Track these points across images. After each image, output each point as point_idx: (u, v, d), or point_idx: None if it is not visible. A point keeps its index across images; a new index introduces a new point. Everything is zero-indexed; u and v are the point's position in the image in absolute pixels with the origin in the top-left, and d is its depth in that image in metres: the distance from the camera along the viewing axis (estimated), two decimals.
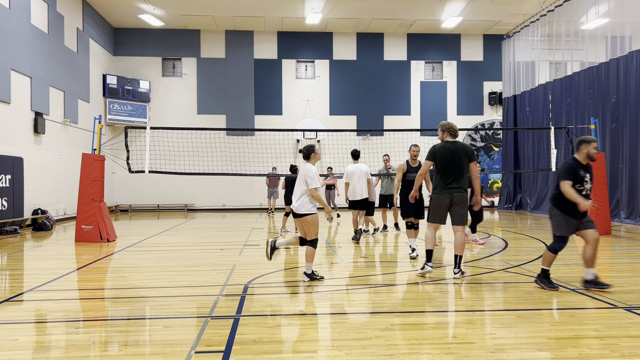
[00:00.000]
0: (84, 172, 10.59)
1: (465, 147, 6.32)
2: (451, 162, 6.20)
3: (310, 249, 6.18)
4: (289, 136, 21.41)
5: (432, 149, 6.37)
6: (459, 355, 3.64)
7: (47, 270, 7.26)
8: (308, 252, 6.19)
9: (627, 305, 5.02)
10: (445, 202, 6.24)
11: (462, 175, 6.22)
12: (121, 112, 20.98)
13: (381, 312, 4.84)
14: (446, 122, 6.47)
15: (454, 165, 6.19)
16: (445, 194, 6.21)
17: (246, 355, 3.64)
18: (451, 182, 6.20)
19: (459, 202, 6.21)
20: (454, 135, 6.38)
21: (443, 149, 6.28)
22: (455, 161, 6.20)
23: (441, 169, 6.26)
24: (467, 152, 6.28)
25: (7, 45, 13.18)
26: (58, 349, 3.83)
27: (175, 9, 19.77)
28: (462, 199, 6.22)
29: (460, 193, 6.20)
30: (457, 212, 6.25)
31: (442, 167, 6.24)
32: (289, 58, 22.72)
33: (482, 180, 23.54)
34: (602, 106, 15.73)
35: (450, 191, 6.19)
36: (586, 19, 16.87)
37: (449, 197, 6.20)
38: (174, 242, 10.64)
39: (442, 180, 6.24)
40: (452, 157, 6.21)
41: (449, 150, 6.24)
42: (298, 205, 6.12)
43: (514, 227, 13.75)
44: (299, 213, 6.13)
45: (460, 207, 6.23)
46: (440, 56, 23.34)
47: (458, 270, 6.28)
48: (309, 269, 6.23)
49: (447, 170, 6.21)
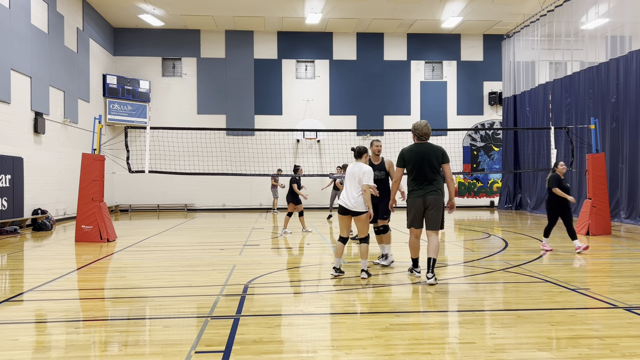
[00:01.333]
0: (84, 172, 10.59)
1: (434, 148, 6.15)
2: (421, 164, 6.07)
3: (364, 245, 6.43)
4: (289, 136, 21.42)
5: (400, 153, 6.27)
6: (459, 355, 3.64)
7: (47, 270, 7.26)
8: (363, 250, 6.44)
9: (627, 305, 5.02)
10: (418, 205, 6.12)
11: (433, 177, 6.08)
12: (121, 112, 20.98)
13: (381, 312, 4.84)
14: (417, 123, 6.30)
15: (424, 167, 6.07)
16: (419, 196, 6.10)
17: (246, 355, 3.64)
18: (423, 184, 6.08)
19: (433, 205, 6.06)
20: (422, 138, 6.23)
21: (410, 152, 6.18)
22: (426, 163, 6.06)
23: (412, 172, 6.16)
24: (437, 153, 6.12)
25: (7, 45, 13.18)
26: (58, 349, 3.83)
27: (175, 9, 19.77)
28: (435, 202, 6.05)
29: (433, 196, 6.04)
30: (431, 216, 6.09)
31: (413, 170, 6.14)
32: (289, 58, 22.72)
33: (482, 180, 23.56)
34: (602, 106, 15.73)
35: (424, 194, 6.07)
36: (586, 19, 16.87)
37: (422, 199, 6.08)
38: (174, 242, 10.64)
39: (415, 183, 6.15)
40: (422, 159, 6.08)
41: (417, 153, 6.12)
42: (355, 204, 6.28)
43: (514, 227, 13.75)
44: (357, 211, 6.30)
45: (434, 211, 6.07)
46: (440, 56, 23.34)
47: (432, 275, 5.96)
48: (365, 265, 6.47)
49: (418, 173, 6.09)
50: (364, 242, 6.43)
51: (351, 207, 6.31)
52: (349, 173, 6.42)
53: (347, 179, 6.41)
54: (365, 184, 6.22)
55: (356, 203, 6.28)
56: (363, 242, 6.43)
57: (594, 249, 9.09)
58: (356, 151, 6.51)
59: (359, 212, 6.29)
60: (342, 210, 6.41)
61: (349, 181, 6.38)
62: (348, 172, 6.44)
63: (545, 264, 7.59)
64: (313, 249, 9.54)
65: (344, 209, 6.37)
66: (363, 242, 6.43)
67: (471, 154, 23.41)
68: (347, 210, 6.36)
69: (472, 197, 23.47)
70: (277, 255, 8.93)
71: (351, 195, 6.31)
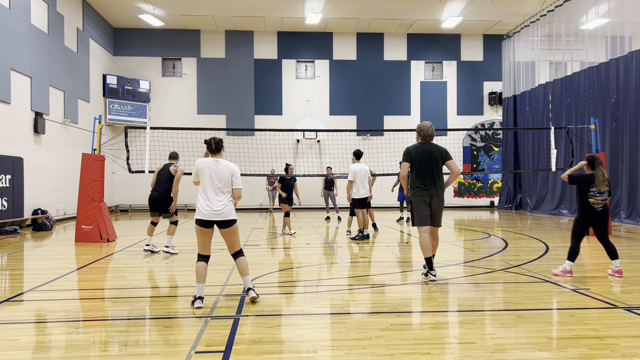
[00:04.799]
0: (84, 172, 10.59)
1: (439, 148, 6.32)
2: (427, 162, 6.21)
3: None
4: (289, 136, 21.42)
5: (406, 150, 6.35)
6: (459, 355, 3.64)
7: (47, 270, 7.26)
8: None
9: (627, 305, 5.02)
10: (425, 201, 6.21)
11: (438, 175, 6.24)
12: (121, 112, 20.98)
13: (381, 312, 4.84)
14: (422, 124, 6.41)
15: (430, 165, 6.20)
16: (425, 195, 6.19)
17: (246, 355, 3.64)
18: (428, 183, 6.20)
19: (437, 204, 6.24)
20: (426, 138, 6.37)
21: (417, 150, 6.28)
22: (432, 161, 6.22)
23: (417, 169, 6.25)
24: (442, 153, 6.31)
25: (7, 45, 13.18)
26: (58, 349, 3.83)
27: (175, 9, 19.77)
28: (439, 201, 6.25)
29: (437, 195, 6.21)
30: (435, 214, 6.26)
31: (418, 167, 6.23)
32: (289, 58, 22.72)
33: (482, 180, 23.56)
34: (602, 106, 15.73)
35: (429, 193, 6.19)
36: (586, 19, 16.88)
37: (429, 197, 6.20)
38: (174, 242, 10.62)
39: (420, 181, 6.22)
40: (428, 158, 6.22)
41: (423, 152, 6.25)
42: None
43: (514, 227, 13.75)
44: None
45: (438, 209, 6.25)
46: (440, 56, 23.34)
47: (434, 272, 6.18)
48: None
49: (424, 171, 6.20)
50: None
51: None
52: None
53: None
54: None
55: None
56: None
57: (594, 249, 9.09)
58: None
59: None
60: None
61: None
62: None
63: (545, 264, 7.59)
64: (313, 249, 9.53)
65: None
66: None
67: (471, 154, 23.41)
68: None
69: (472, 197, 23.47)
70: (277, 255, 8.93)
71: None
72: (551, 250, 9.05)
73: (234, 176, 5.13)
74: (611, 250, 6.48)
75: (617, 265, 6.46)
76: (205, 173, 5.08)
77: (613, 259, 6.49)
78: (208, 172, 5.07)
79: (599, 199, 6.35)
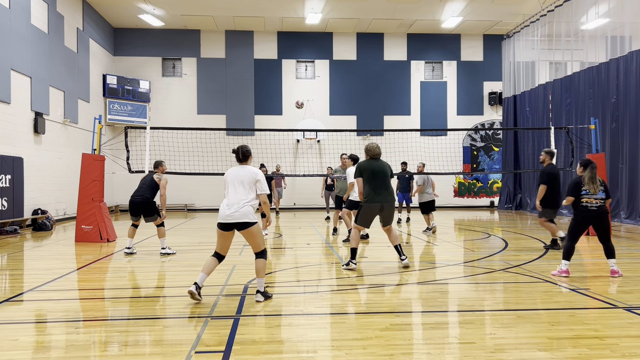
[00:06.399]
0: (84, 172, 10.59)
1: (387, 164, 7.34)
2: (381, 176, 7.14)
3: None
4: (289, 136, 21.41)
5: (358, 167, 7.28)
6: (459, 355, 3.64)
7: (47, 270, 7.26)
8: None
9: (627, 305, 5.02)
10: (375, 210, 7.11)
11: (388, 185, 7.22)
12: (121, 112, 20.97)
13: (381, 312, 4.84)
14: (370, 144, 7.36)
15: (383, 178, 7.16)
16: (378, 202, 7.05)
17: (246, 355, 3.64)
18: (381, 191, 7.08)
19: (389, 207, 7.20)
20: (375, 157, 7.31)
21: (370, 165, 7.20)
22: (384, 175, 7.19)
23: (371, 181, 7.11)
24: (389, 168, 7.33)
25: (7, 45, 13.18)
26: (58, 349, 3.83)
27: (175, 9, 19.77)
28: (391, 205, 7.21)
29: (390, 201, 7.14)
30: (387, 215, 7.23)
31: (372, 180, 7.11)
32: (289, 58, 22.71)
33: (482, 180, 23.56)
34: (602, 106, 15.73)
35: (383, 199, 7.06)
36: (586, 19, 16.87)
37: (380, 205, 7.08)
38: (174, 242, 10.63)
39: (373, 191, 7.08)
40: (382, 172, 7.16)
41: (374, 166, 7.18)
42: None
43: (514, 227, 13.75)
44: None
45: (390, 211, 7.22)
46: (440, 56, 23.34)
47: (405, 257, 7.24)
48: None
49: (378, 183, 7.09)
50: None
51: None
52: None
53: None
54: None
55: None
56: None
57: (594, 249, 9.09)
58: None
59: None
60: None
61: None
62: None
63: (545, 264, 7.60)
64: (313, 249, 9.54)
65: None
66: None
67: (471, 154, 23.40)
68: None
69: (472, 197, 23.47)
70: (277, 255, 8.93)
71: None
72: (551, 250, 9.04)
73: (259, 181, 5.28)
74: (610, 251, 6.51)
75: (612, 264, 6.49)
76: (228, 178, 5.33)
77: (609, 258, 6.53)
78: (231, 177, 5.31)
79: (592, 198, 6.38)
